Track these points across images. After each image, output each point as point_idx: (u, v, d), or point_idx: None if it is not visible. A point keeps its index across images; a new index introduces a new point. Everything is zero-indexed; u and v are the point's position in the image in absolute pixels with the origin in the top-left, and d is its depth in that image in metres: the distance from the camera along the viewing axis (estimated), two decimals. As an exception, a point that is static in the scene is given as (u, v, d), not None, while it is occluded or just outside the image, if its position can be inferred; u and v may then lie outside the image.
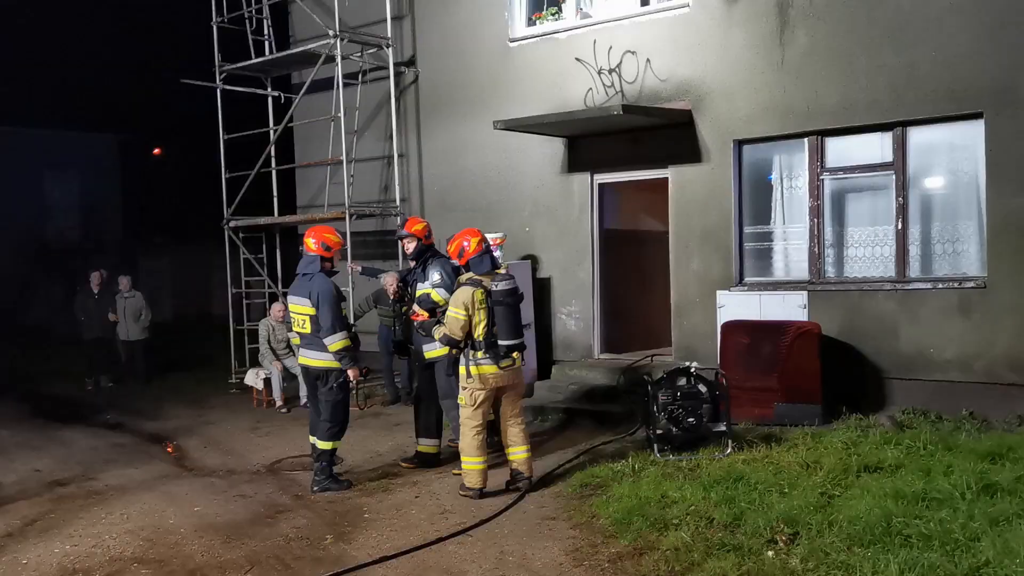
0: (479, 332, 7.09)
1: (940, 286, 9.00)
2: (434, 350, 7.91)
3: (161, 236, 29.24)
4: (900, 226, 9.29)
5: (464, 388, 7.21)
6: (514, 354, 7.18)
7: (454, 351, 7.27)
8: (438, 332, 7.29)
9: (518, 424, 7.38)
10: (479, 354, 7.11)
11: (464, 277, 7.32)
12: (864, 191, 9.74)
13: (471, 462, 7.21)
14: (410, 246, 8.31)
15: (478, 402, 7.16)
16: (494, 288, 7.14)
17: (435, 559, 5.87)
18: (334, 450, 7.74)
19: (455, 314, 7.11)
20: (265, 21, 14.02)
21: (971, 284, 8.83)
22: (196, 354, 17.41)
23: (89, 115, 29.22)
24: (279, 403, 11.86)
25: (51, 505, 7.46)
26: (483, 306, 7.10)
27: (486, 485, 7.20)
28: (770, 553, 5.43)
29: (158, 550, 6.23)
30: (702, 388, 7.99)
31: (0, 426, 11.25)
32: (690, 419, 7.84)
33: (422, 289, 8.08)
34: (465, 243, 7.31)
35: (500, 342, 7.08)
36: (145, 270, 25.56)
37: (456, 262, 7.47)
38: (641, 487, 6.84)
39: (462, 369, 7.21)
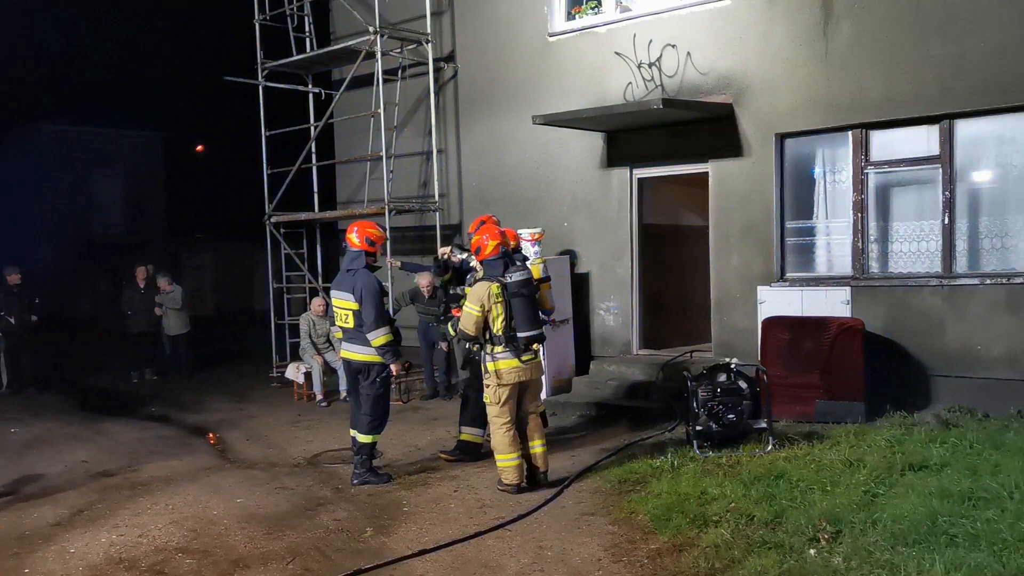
0: (498, 326, 7.09)
1: (988, 282, 8.83)
2: None
3: (203, 232, 29.64)
4: (947, 220, 9.12)
5: (488, 386, 7.21)
6: (534, 346, 7.16)
7: (474, 347, 7.28)
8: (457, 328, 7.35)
9: (535, 419, 7.39)
10: (498, 349, 7.11)
11: (480, 275, 7.35)
12: (909, 185, 9.58)
13: (505, 459, 7.20)
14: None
15: (503, 399, 7.15)
16: (509, 280, 7.14)
17: (474, 553, 5.88)
18: (374, 444, 7.79)
19: (470, 310, 7.13)
20: (306, 18, 14.14)
21: (1020, 280, 8.65)
22: (238, 348, 17.65)
23: (134, 113, 29.68)
24: (319, 397, 11.97)
25: (98, 495, 7.59)
26: (500, 300, 7.09)
27: (524, 480, 7.20)
28: (812, 551, 5.36)
29: (202, 540, 6.32)
30: (742, 384, 7.92)
31: (49, 418, 11.51)
32: (730, 415, 7.78)
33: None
34: (483, 244, 7.32)
35: (519, 334, 7.07)
36: (188, 266, 25.95)
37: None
38: (680, 483, 6.81)
39: (483, 366, 7.22)
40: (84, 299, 25.47)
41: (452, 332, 7.56)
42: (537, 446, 7.35)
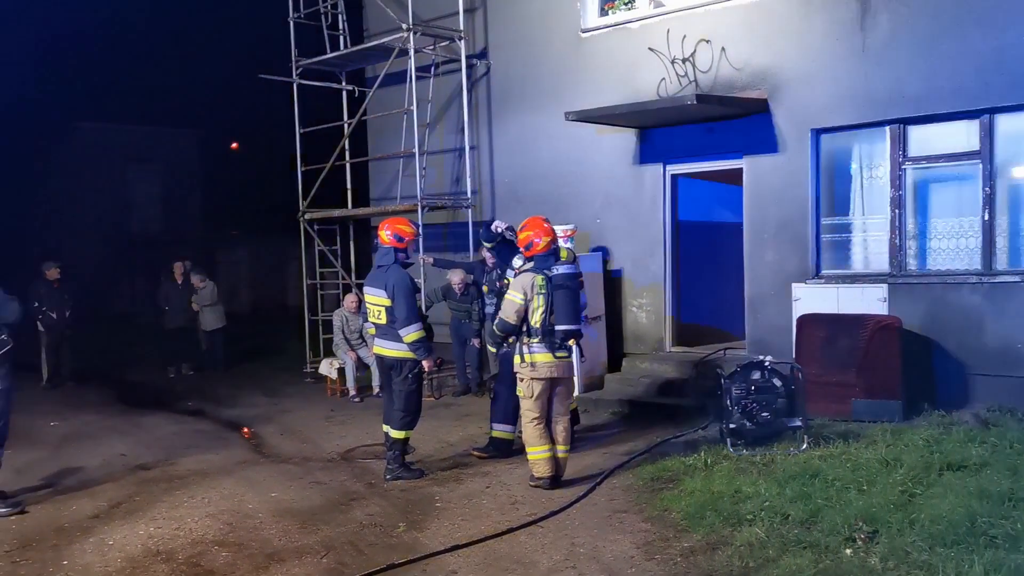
0: (536, 319, 7.07)
1: (1029, 279, 8.68)
2: None
3: (238, 229, 29.93)
4: (987, 217, 8.97)
5: (521, 380, 7.20)
6: (570, 342, 7.11)
7: (510, 339, 7.24)
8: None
9: (563, 422, 7.33)
10: (534, 341, 7.10)
11: (527, 267, 7.32)
12: (948, 181, 9.43)
13: (535, 452, 7.19)
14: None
15: (536, 393, 7.13)
16: (555, 272, 7.12)
17: (506, 549, 5.89)
18: (407, 439, 7.83)
19: (512, 297, 7.12)
20: (340, 16, 14.20)
21: (1062, 277, 8.49)
22: (272, 344, 17.82)
23: (170, 111, 30.06)
24: (352, 392, 12.05)
25: (135, 488, 7.70)
26: (543, 291, 7.07)
27: (555, 471, 7.19)
28: (848, 551, 5.31)
29: (237, 534, 6.38)
30: (777, 382, 7.85)
31: (88, 411, 11.70)
32: (764, 413, 7.72)
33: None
34: (536, 239, 7.27)
35: (557, 327, 7.04)
36: (223, 262, 26.23)
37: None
38: (714, 481, 6.77)
39: (516, 358, 7.20)
40: (122, 295, 25.84)
41: (491, 347, 7.52)
42: (560, 451, 7.30)
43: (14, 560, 6.00)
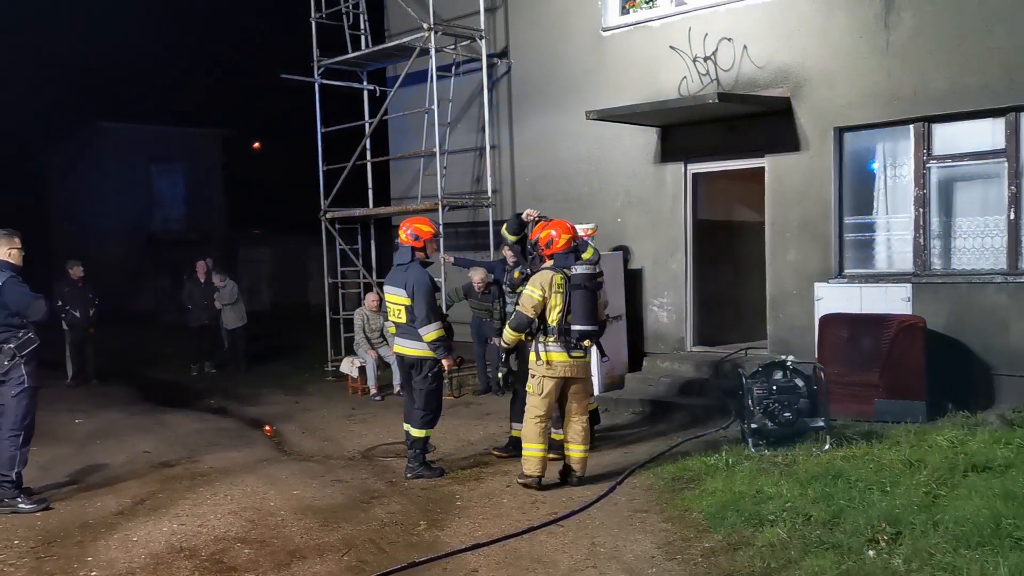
0: (553, 317, 7.04)
1: (1056, 279, 8.58)
2: None
3: (260, 228, 30.10)
4: (1012, 216, 8.88)
5: (532, 376, 7.17)
6: (585, 342, 7.06)
7: (526, 337, 7.21)
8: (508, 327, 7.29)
9: (581, 422, 7.27)
10: (550, 340, 7.07)
11: (547, 264, 7.30)
12: (973, 179, 9.34)
13: (530, 448, 7.15)
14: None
15: (545, 390, 7.09)
16: (574, 271, 7.09)
17: (527, 548, 5.89)
18: (427, 438, 7.84)
19: (531, 293, 7.09)
20: (361, 16, 14.25)
21: (1090, 277, 8.39)
22: (293, 342, 17.90)
23: (193, 111, 30.29)
24: (373, 391, 12.10)
25: (159, 485, 7.76)
26: (561, 290, 7.05)
27: (544, 474, 7.15)
28: (871, 552, 5.27)
29: (260, 531, 6.42)
30: (799, 382, 7.80)
31: (112, 409, 11.81)
32: (786, 414, 7.67)
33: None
34: (555, 236, 7.25)
35: (574, 327, 7.00)
36: (245, 261, 26.39)
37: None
38: (735, 482, 6.74)
39: (532, 355, 7.17)
40: (145, 293, 26.05)
41: (505, 345, 7.49)
42: (577, 451, 7.26)
43: (39, 556, 6.06)
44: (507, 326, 7.32)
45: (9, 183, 28.98)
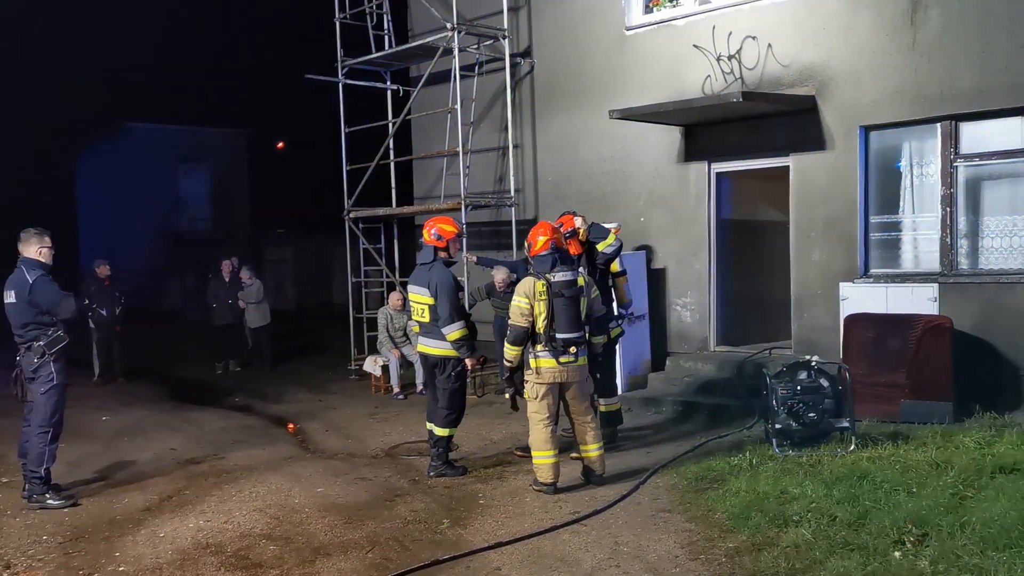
0: (540, 325, 6.99)
1: (1086, 279, 8.47)
2: None
3: (285, 227, 30.29)
4: (1041, 215, 8.78)
5: (527, 382, 7.14)
6: (572, 348, 6.99)
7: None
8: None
9: (587, 423, 7.22)
10: (539, 347, 7.02)
11: (530, 271, 7.28)
12: (1001, 178, 9.24)
13: (540, 456, 7.09)
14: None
15: (539, 396, 7.05)
16: (553, 279, 7.03)
17: (550, 546, 5.90)
18: (450, 437, 7.86)
19: (517, 302, 7.05)
20: (385, 16, 14.30)
21: (1121, 277, 8.27)
22: (317, 341, 18.00)
23: (219, 112, 30.54)
24: (396, 390, 12.14)
25: (185, 482, 7.84)
26: (543, 298, 6.98)
27: (558, 480, 7.11)
28: (897, 554, 5.23)
29: (284, 528, 6.47)
30: (824, 383, 7.74)
31: (138, 406, 11.94)
32: (811, 414, 7.61)
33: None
34: (536, 239, 7.21)
35: (557, 335, 6.95)
36: (269, 260, 26.57)
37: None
38: (759, 482, 6.70)
39: (529, 361, 7.11)
40: (171, 292, 26.28)
41: (508, 363, 7.33)
42: (592, 450, 7.23)
43: (67, 552, 6.14)
44: (505, 343, 7.18)
45: (39, 182, 29.36)
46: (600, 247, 8.28)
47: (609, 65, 11.99)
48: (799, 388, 7.69)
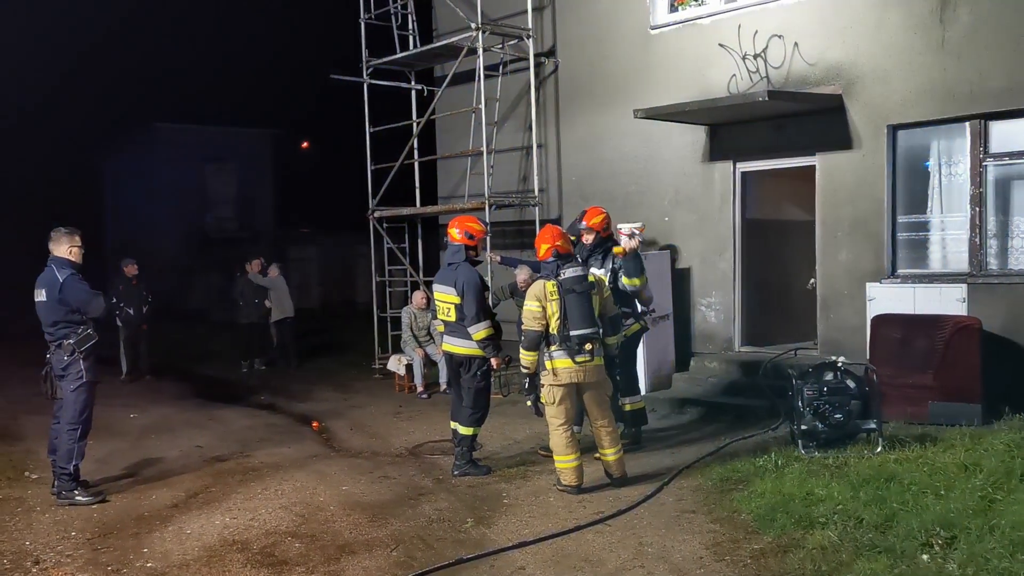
0: (553, 325, 6.98)
1: (1118, 280, 8.34)
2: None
3: (309, 226, 30.46)
4: (1073, 215, 8.66)
5: (542, 385, 7.13)
6: (587, 345, 6.96)
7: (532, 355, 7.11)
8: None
9: (605, 427, 7.19)
10: (554, 348, 7.01)
11: (540, 274, 7.31)
12: (1032, 178, 9.13)
13: (562, 460, 7.08)
14: (588, 238, 8.37)
15: (557, 399, 7.03)
16: (563, 276, 7.02)
17: (574, 547, 5.89)
18: (474, 436, 7.88)
19: (529, 306, 7.05)
20: (410, 16, 14.35)
21: None
22: (341, 340, 18.09)
23: (244, 112, 30.78)
24: (420, 389, 12.18)
25: (211, 479, 7.90)
26: (555, 297, 6.99)
27: (582, 483, 7.09)
28: (925, 557, 5.18)
29: (310, 526, 6.51)
30: (850, 383, 7.67)
31: (165, 404, 12.04)
32: (837, 415, 7.54)
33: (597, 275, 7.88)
34: (539, 247, 7.29)
35: (572, 332, 6.93)
36: (294, 259, 26.74)
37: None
38: (785, 483, 6.65)
39: (546, 364, 7.11)
40: (197, 291, 26.50)
41: (525, 369, 7.34)
42: (609, 453, 7.21)
43: (96, 547, 6.21)
44: (521, 349, 7.18)
45: (68, 182, 29.73)
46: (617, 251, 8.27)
47: (634, 64, 11.96)
48: (825, 389, 7.63)
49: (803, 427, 7.62)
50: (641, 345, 9.28)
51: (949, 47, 9.16)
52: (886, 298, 9.41)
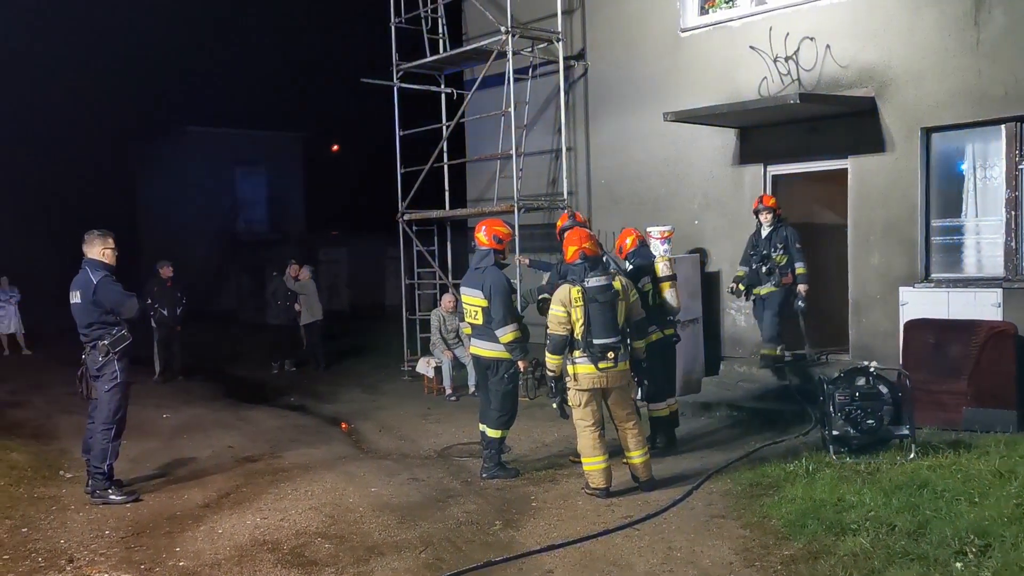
0: (577, 331, 6.96)
1: None
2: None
3: (339, 228, 30.65)
4: (1111, 219, 8.52)
5: (568, 389, 7.13)
6: (609, 354, 6.94)
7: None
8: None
9: (630, 429, 7.16)
10: (577, 353, 6.99)
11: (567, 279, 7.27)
12: (1069, 181, 8.98)
13: (590, 462, 7.06)
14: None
15: (582, 403, 7.02)
16: (587, 284, 7.00)
17: (602, 550, 5.88)
18: (503, 438, 7.89)
19: (554, 311, 7.04)
20: (440, 20, 14.41)
21: None
22: (370, 342, 18.17)
23: (275, 115, 31.05)
24: (448, 391, 12.21)
25: (242, 480, 7.97)
26: (579, 304, 6.95)
27: (611, 484, 7.07)
28: (959, 564, 5.11)
29: (339, 527, 6.55)
30: (883, 389, 7.60)
31: (197, 404, 12.17)
32: (869, 421, 7.48)
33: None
34: (567, 249, 7.30)
35: (594, 340, 6.91)
36: (324, 261, 26.91)
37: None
38: (816, 489, 6.60)
39: (568, 368, 7.09)
40: (227, 292, 26.75)
41: (551, 372, 7.28)
42: (635, 456, 7.18)
43: (129, 546, 6.29)
44: (546, 352, 7.16)
45: (102, 185, 30.14)
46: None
47: (663, 67, 11.92)
48: (857, 394, 7.56)
49: (835, 432, 7.56)
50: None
51: (984, 49, 9.05)
52: (919, 303, 9.31)
